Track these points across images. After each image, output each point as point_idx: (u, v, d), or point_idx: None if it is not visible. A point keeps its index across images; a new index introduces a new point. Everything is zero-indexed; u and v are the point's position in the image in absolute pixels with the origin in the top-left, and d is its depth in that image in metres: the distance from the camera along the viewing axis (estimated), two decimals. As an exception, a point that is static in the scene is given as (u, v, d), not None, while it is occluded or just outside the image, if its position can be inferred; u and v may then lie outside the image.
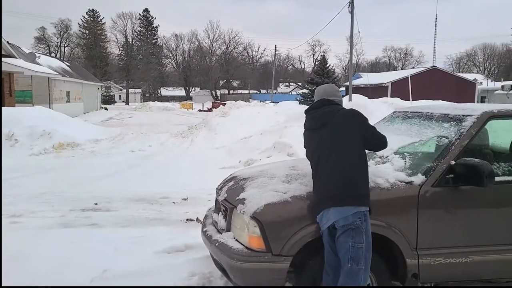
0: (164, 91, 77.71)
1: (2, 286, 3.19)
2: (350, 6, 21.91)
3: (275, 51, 51.93)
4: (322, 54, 54.71)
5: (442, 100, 14.46)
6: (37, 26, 74.18)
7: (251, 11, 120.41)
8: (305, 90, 42.99)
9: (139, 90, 69.95)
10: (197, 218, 5.19)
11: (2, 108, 12.42)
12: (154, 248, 4.19)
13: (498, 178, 2.94)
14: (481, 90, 39.72)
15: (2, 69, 15.78)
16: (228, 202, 3.18)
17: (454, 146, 2.96)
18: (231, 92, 71.46)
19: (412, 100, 14.36)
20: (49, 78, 22.99)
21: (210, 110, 37.11)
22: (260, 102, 42.52)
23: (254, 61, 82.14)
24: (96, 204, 6.04)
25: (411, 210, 2.84)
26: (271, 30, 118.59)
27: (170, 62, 78.79)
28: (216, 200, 3.55)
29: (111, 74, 66.36)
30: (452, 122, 3.22)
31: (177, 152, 12.03)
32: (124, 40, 69.03)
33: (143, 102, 56.96)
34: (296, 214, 2.78)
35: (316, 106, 2.92)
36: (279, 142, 9.71)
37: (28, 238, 4.51)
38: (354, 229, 2.56)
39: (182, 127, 19.13)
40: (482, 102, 34.85)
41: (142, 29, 72.60)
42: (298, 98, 43.31)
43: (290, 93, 70.87)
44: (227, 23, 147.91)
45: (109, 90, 62.19)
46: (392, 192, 2.84)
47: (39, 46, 68.20)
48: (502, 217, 3.00)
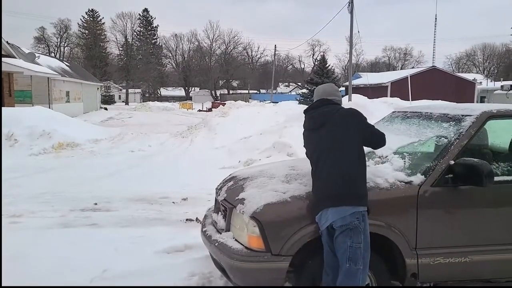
0: (163, 91, 77.69)
1: (2, 286, 3.19)
2: (349, 6, 21.92)
3: (275, 51, 51.99)
4: (322, 54, 54.75)
5: (442, 100, 14.49)
6: (36, 26, 74.13)
7: (251, 11, 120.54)
8: (304, 90, 43.01)
9: (139, 90, 69.92)
10: (196, 218, 5.20)
11: (2, 108, 12.41)
12: (154, 248, 4.19)
13: (497, 178, 2.95)
14: (480, 90, 39.75)
15: (2, 69, 15.77)
16: (227, 202, 3.19)
17: (453, 146, 2.96)
18: (231, 92, 71.44)
19: (411, 100, 14.37)
20: (48, 78, 22.98)
21: (209, 110, 37.13)
22: (259, 102, 42.48)
23: (254, 61, 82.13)
24: (96, 204, 6.05)
25: (411, 210, 2.84)
26: (271, 30, 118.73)
27: (169, 62, 78.81)
28: (215, 200, 3.56)
29: (111, 74, 66.30)
30: (451, 122, 3.22)
31: (176, 152, 12.03)
32: (123, 40, 69.02)
33: (143, 102, 56.97)
34: (295, 214, 2.78)
35: (315, 106, 2.92)
36: (279, 142, 9.72)
37: (28, 238, 4.51)
38: (352, 229, 2.57)
39: (181, 127, 19.12)
40: (481, 102, 34.88)
41: (142, 29, 72.57)
42: (298, 98, 43.34)
43: (290, 93, 70.90)
44: (227, 23, 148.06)
45: (108, 90, 62.11)
46: (391, 192, 2.85)
47: (39, 46, 68.27)
48: (501, 217, 3.00)
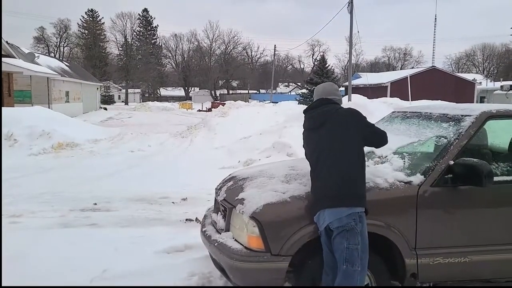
0: (163, 91, 77.67)
1: (2, 286, 3.19)
2: (349, 6, 21.94)
3: (275, 51, 52.01)
4: (322, 54, 54.83)
5: (441, 100, 14.47)
6: (36, 26, 73.93)
7: (251, 11, 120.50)
8: (304, 90, 43.04)
9: (139, 90, 69.87)
10: (196, 218, 5.20)
11: (2, 108, 12.40)
12: (153, 248, 4.19)
13: (496, 178, 2.95)
14: (480, 90, 39.78)
15: (2, 69, 15.76)
16: (227, 202, 3.19)
17: (453, 146, 2.96)
18: (231, 92, 71.43)
19: (411, 100, 14.36)
20: (48, 78, 22.97)
21: (209, 110, 37.14)
22: (259, 102, 42.48)
23: (254, 61, 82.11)
24: (95, 204, 6.05)
25: (410, 210, 2.84)
26: (271, 30, 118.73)
27: (169, 62, 78.81)
28: (215, 200, 3.56)
29: (110, 74, 66.23)
30: (451, 122, 3.23)
31: (176, 152, 12.03)
32: (123, 40, 68.95)
33: (143, 102, 56.97)
34: (295, 214, 2.78)
35: (314, 106, 2.91)
36: (279, 142, 9.72)
37: (28, 238, 4.51)
38: (348, 230, 2.56)
39: (181, 127, 19.12)
40: (481, 102, 34.90)
41: (142, 29, 72.53)
42: (298, 98, 43.34)
43: (290, 93, 70.88)
44: (227, 23, 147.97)
45: (108, 90, 62.09)
46: (391, 192, 2.85)
47: (38, 46, 68.20)
48: (501, 217, 3.00)
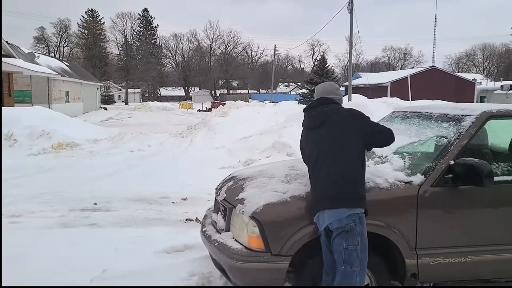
0: (163, 91, 77.67)
1: (2, 286, 3.19)
2: (349, 6, 21.94)
3: (275, 51, 51.96)
4: (322, 54, 54.83)
5: (442, 100, 14.46)
6: (36, 26, 73.85)
7: (251, 11, 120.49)
8: (304, 90, 43.01)
9: (139, 90, 69.89)
10: (196, 218, 5.19)
11: (2, 108, 12.40)
12: (153, 248, 4.19)
13: (497, 178, 2.95)
14: (480, 90, 39.77)
15: (2, 69, 15.76)
16: (227, 202, 3.18)
17: (453, 146, 2.96)
18: (231, 92, 71.43)
19: (411, 100, 14.35)
20: (48, 78, 22.97)
21: (209, 110, 37.15)
22: (259, 102, 42.48)
23: (254, 61, 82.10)
24: (95, 204, 6.05)
25: (410, 210, 2.84)
26: (271, 30, 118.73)
27: (169, 62, 78.80)
28: (215, 200, 3.56)
29: (111, 74, 66.21)
30: (451, 122, 3.22)
31: (176, 152, 12.03)
32: (123, 40, 68.94)
33: (143, 102, 56.95)
34: (295, 214, 2.78)
35: (314, 105, 2.89)
36: (279, 142, 9.72)
37: (28, 238, 4.51)
38: (348, 231, 2.55)
39: (181, 127, 19.12)
40: (481, 102, 34.89)
41: (142, 29, 72.51)
42: (298, 98, 43.31)
43: (290, 93, 70.89)
44: (227, 23, 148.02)
45: (108, 90, 62.08)
46: (391, 192, 2.84)
47: (38, 46, 68.20)
48: (501, 217, 3.00)
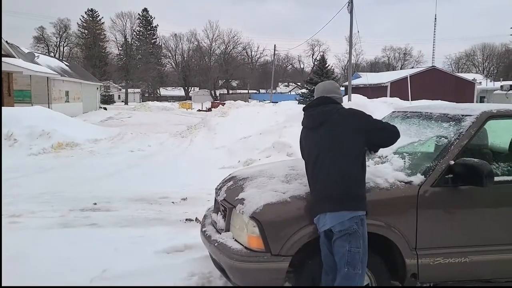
0: (163, 91, 77.68)
1: (2, 286, 3.19)
2: (349, 6, 21.93)
3: (275, 51, 51.94)
4: (322, 54, 54.92)
5: (441, 100, 14.46)
6: (36, 26, 74.18)
7: (251, 11, 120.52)
8: (304, 90, 43.05)
9: (138, 90, 69.87)
10: (196, 218, 5.19)
11: (1, 108, 12.39)
12: (153, 248, 4.19)
13: (497, 178, 2.95)
14: (480, 90, 39.75)
15: (2, 68, 15.75)
16: (227, 202, 3.18)
17: (453, 146, 2.96)
18: (231, 92, 71.43)
19: (411, 100, 14.34)
20: (48, 77, 22.95)
21: (209, 110, 37.14)
22: (259, 102, 42.48)
23: (254, 61, 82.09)
24: (95, 204, 6.04)
25: (410, 210, 2.84)
26: (271, 30, 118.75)
27: (169, 62, 78.77)
28: (215, 200, 3.55)
29: (110, 74, 66.18)
30: (451, 122, 3.22)
31: (176, 152, 12.02)
32: (123, 39, 68.91)
33: (142, 102, 56.93)
34: (295, 214, 2.77)
35: (314, 104, 2.85)
36: (279, 142, 9.71)
37: (28, 238, 4.51)
38: (351, 234, 2.54)
39: (181, 127, 19.12)
40: (481, 102, 34.89)
41: (141, 28, 72.49)
42: (297, 98, 43.34)
43: (290, 93, 70.88)
44: (227, 23, 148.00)
45: (108, 90, 62.07)
46: (391, 192, 2.84)
47: (38, 46, 68.17)
48: (501, 217, 3.00)
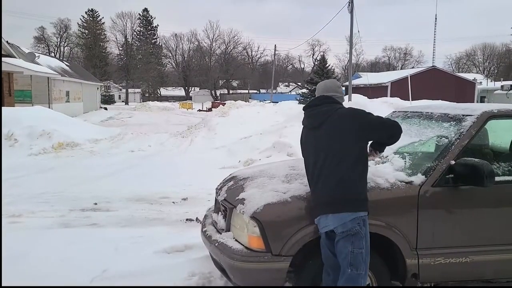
0: (163, 91, 77.62)
1: (2, 286, 3.19)
2: (349, 6, 21.92)
3: (275, 51, 51.93)
4: (322, 54, 54.73)
5: (442, 100, 14.47)
6: (36, 26, 74.16)
7: (251, 11, 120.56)
8: (304, 90, 42.98)
9: (139, 90, 69.90)
10: (196, 218, 5.19)
11: (2, 108, 12.40)
12: (154, 248, 4.19)
13: (498, 178, 2.94)
14: (480, 90, 39.72)
15: (2, 68, 15.76)
16: (227, 202, 3.18)
17: (454, 146, 2.95)
18: (231, 92, 71.46)
19: (411, 100, 14.34)
20: (48, 78, 22.96)
21: (209, 110, 37.16)
22: (259, 102, 42.51)
23: (254, 61, 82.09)
24: (95, 204, 6.04)
25: (411, 210, 2.83)
26: (271, 30, 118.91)
27: (169, 62, 78.75)
28: (215, 200, 3.55)
29: (111, 74, 66.18)
30: (452, 122, 3.22)
31: (176, 152, 12.02)
32: (123, 40, 68.87)
33: (143, 102, 56.87)
34: (295, 214, 2.77)
35: (314, 104, 2.82)
36: (279, 142, 9.71)
37: (28, 238, 4.51)
38: (353, 235, 2.53)
39: (181, 127, 19.13)
40: (481, 102, 34.88)
41: (142, 29, 72.49)
42: (298, 98, 43.29)
43: (290, 93, 70.92)
44: (227, 23, 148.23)
45: (108, 90, 62.12)
46: (392, 192, 2.84)
47: (39, 46, 68.20)
48: (502, 217, 3.00)
